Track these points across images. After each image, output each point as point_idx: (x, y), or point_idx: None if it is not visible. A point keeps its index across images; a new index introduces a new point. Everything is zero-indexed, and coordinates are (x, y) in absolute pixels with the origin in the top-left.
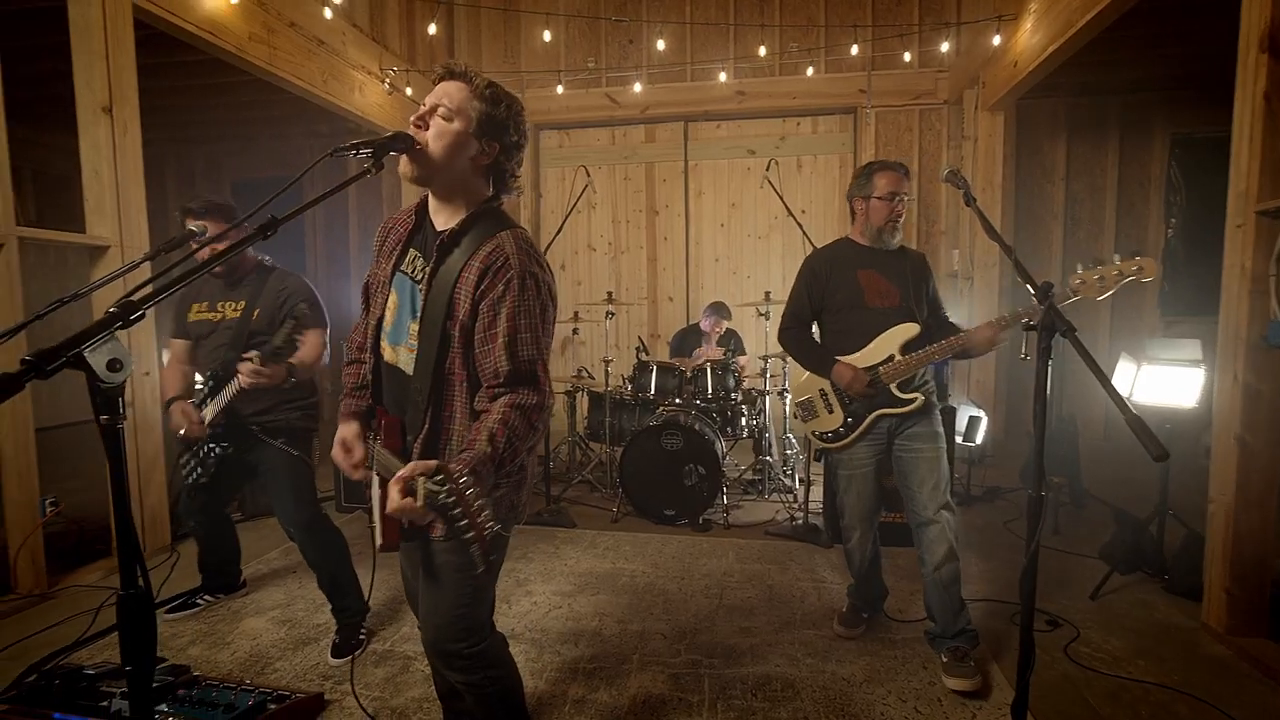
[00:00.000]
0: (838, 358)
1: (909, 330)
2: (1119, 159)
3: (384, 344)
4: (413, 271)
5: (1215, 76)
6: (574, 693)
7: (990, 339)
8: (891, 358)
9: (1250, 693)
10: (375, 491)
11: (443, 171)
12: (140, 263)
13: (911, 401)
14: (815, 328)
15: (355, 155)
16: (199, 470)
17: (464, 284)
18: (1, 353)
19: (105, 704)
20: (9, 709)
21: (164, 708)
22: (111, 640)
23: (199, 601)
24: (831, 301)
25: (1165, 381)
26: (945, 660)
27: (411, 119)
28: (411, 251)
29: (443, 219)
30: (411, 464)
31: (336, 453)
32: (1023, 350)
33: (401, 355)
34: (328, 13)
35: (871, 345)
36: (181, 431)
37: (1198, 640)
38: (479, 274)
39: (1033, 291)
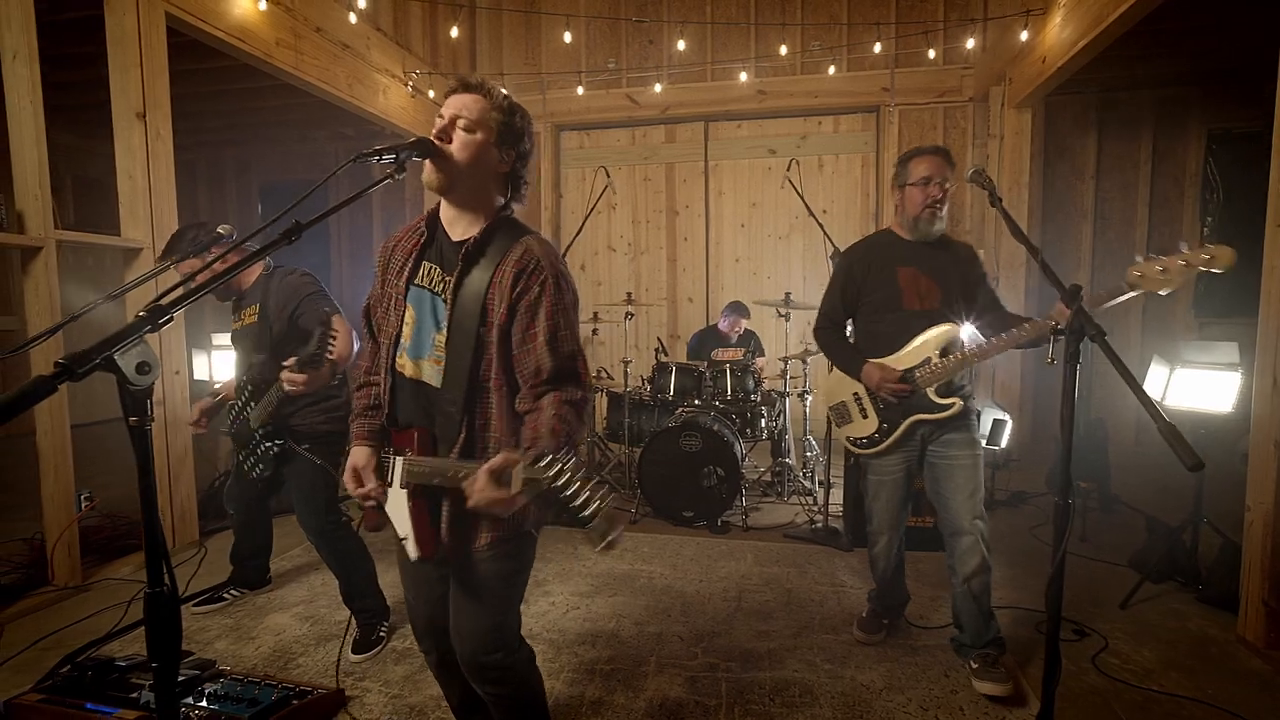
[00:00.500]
0: (869, 359)
1: (947, 332)
2: (1152, 155)
3: (403, 360)
4: (430, 284)
5: (1255, 69)
6: (591, 694)
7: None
8: (928, 361)
9: None
10: (404, 505)
11: (466, 179)
12: (167, 267)
13: (949, 407)
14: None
15: (379, 161)
16: (260, 466)
17: (498, 289)
18: (38, 353)
19: (135, 695)
20: (45, 698)
21: (190, 701)
22: (142, 633)
23: (226, 596)
24: (867, 302)
25: (1200, 385)
26: (975, 666)
27: (434, 133)
28: (425, 265)
29: (460, 229)
30: (502, 455)
31: (348, 478)
32: (1049, 355)
33: (426, 369)
34: (353, 17)
35: (907, 348)
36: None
37: (1233, 653)
38: (514, 277)
39: (1060, 295)
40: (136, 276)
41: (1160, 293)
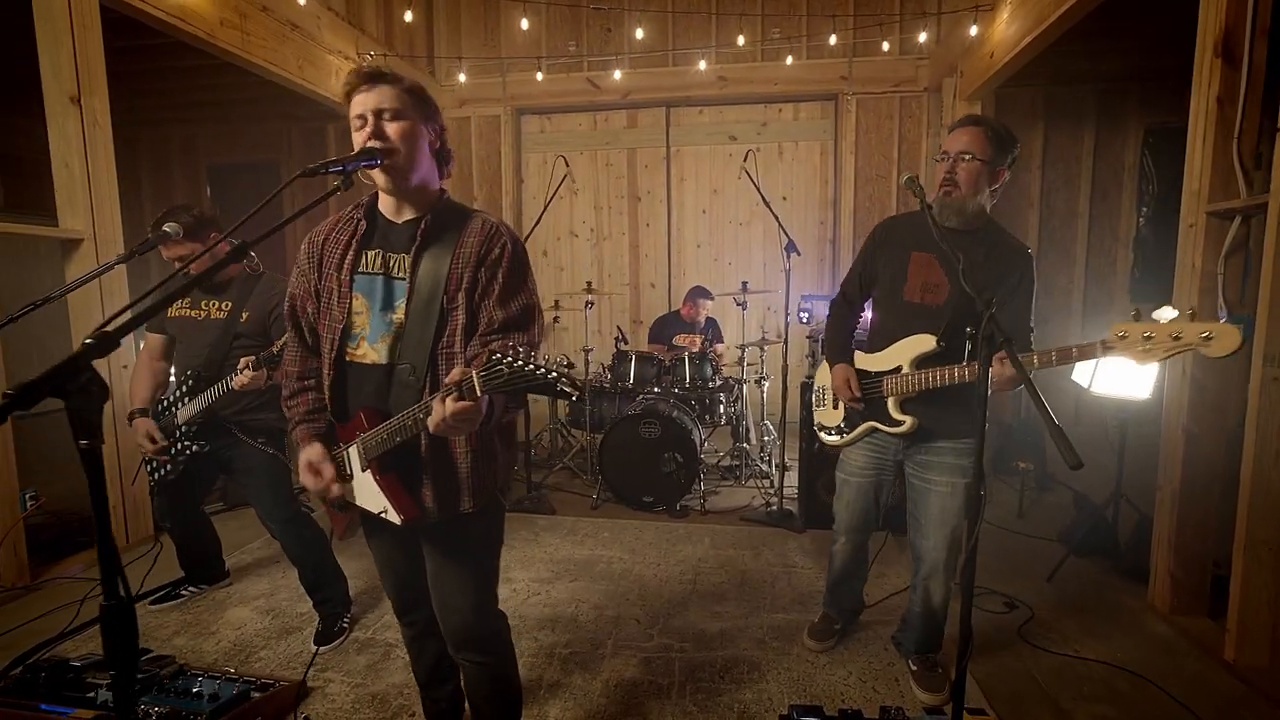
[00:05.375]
0: (857, 352)
1: (924, 343)
2: (1094, 148)
3: (360, 348)
4: (379, 268)
5: (1187, 69)
6: (549, 677)
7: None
8: (899, 370)
9: (1188, 669)
10: (371, 484)
11: (415, 169)
12: (115, 264)
13: (900, 424)
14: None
15: (326, 173)
16: (167, 467)
17: (461, 258)
18: None
19: (91, 695)
20: None
21: (148, 698)
22: (97, 631)
23: (183, 593)
24: (879, 282)
25: (1123, 373)
26: (915, 669)
27: (367, 134)
28: (369, 252)
29: (407, 211)
30: (457, 369)
31: (305, 477)
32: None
33: (381, 349)
34: None
35: (891, 348)
36: (145, 451)
37: (1143, 620)
38: (479, 244)
39: (977, 304)
40: (83, 274)
41: (1136, 364)
